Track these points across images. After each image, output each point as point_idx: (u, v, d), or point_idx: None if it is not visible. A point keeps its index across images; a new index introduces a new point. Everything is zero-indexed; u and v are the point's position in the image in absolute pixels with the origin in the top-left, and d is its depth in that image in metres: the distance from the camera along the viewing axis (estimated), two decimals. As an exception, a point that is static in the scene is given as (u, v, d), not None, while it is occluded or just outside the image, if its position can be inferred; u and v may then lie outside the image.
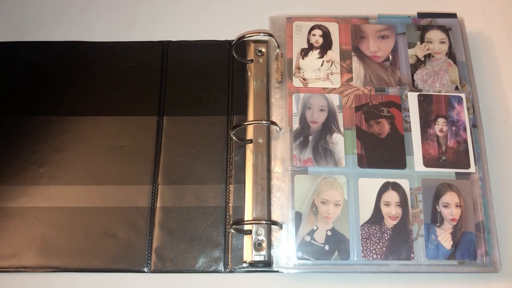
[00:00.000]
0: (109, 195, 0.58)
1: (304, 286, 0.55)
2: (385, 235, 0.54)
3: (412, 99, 0.60)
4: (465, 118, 0.59)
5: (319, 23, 0.64)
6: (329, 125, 0.58)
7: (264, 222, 0.55)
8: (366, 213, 0.55)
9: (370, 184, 0.56)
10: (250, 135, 0.60)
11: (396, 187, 0.56)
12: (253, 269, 0.56)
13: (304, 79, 0.61)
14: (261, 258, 0.55)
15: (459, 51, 0.62)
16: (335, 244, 0.54)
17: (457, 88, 0.60)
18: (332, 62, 0.62)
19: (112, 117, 0.62)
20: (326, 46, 0.63)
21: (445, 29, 0.63)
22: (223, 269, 0.56)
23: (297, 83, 0.61)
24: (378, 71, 0.61)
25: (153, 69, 0.64)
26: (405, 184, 0.56)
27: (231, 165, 0.60)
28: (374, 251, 0.53)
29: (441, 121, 0.59)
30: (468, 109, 0.59)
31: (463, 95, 0.60)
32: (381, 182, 0.56)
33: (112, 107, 0.63)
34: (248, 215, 0.57)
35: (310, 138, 0.58)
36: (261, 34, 0.61)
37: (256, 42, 0.65)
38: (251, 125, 0.60)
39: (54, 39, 0.67)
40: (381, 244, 0.54)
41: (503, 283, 0.55)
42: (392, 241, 0.54)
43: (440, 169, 0.57)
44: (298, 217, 0.55)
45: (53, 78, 0.64)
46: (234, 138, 0.59)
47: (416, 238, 0.54)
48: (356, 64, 0.62)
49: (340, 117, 0.59)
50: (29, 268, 0.56)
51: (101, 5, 0.70)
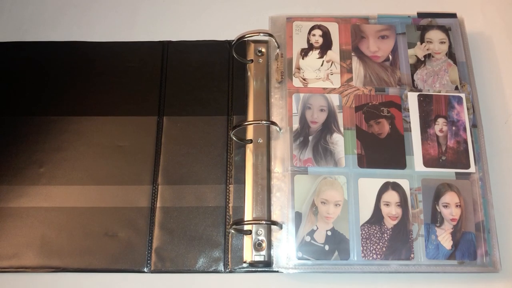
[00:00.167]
0: (109, 195, 0.58)
1: (304, 286, 0.55)
2: (385, 235, 0.54)
3: (412, 99, 0.60)
4: (465, 118, 0.59)
5: (319, 23, 0.64)
6: (329, 125, 0.58)
7: (264, 222, 0.55)
8: (366, 213, 0.55)
9: (370, 184, 0.56)
10: (250, 135, 0.60)
11: (396, 187, 0.56)
12: (253, 269, 0.56)
13: (304, 79, 0.61)
14: (261, 258, 0.55)
15: (459, 51, 0.62)
16: (335, 244, 0.54)
17: (457, 88, 0.60)
18: (332, 62, 0.62)
19: (112, 117, 0.62)
20: (326, 46, 0.63)
21: (445, 29, 0.63)
22: (223, 269, 0.56)
23: (297, 83, 0.61)
24: (378, 71, 0.61)
25: (153, 69, 0.64)
26: (405, 184, 0.56)
27: (231, 165, 0.60)
28: (374, 251, 0.53)
29: (441, 121, 0.59)
30: (468, 109, 0.59)
31: (463, 95, 0.60)
32: (381, 182, 0.56)
33: (112, 107, 0.63)
34: (248, 215, 0.57)
35: (310, 138, 0.58)
36: (261, 34, 0.61)
37: (256, 42, 0.65)
38: (251, 125, 0.60)
39: (54, 39, 0.67)
40: (381, 244, 0.54)
41: (503, 283, 0.55)
42: (392, 241, 0.54)
43: (440, 169, 0.57)
44: (298, 217, 0.55)
45: (53, 78, 0.64)
46: (234, 138, 0.59)
47: (416, 238, 0.54)
48: (356, 64, 0.62)
49: (340, 117, 0.59)
50: (29, 268, 0.56)
51: (101, 5, 0.70)
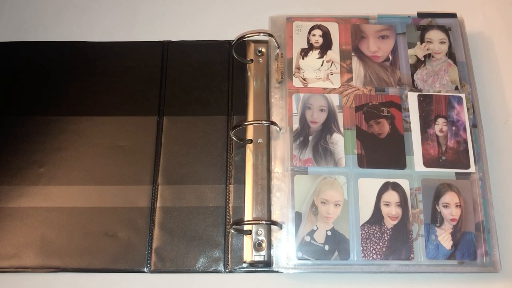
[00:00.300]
0: (109, 195, 0.58)
1: (304, 286, 0.55)
2: (385, 235, 0.54)
3: (412, 99, 0.60)
4: (465, 118, 0.59)
5: (319, 23, 0.64)
6: (329, 125, 0.58)
7: (264, 222, 0.55)
8: (366, 213, 0.55)
9: (370, 184, 0.56)
10: (250, 135, 0.60)
11: (396, 187, 0.56)
12: (253, 269, 0.56)
13: (304, 79, 0.61)
14: (261, 258, 0.55)
15: (459, 51, 0.62)
16: (335, 244, 0.54)
17: (457, 88, 0.60)
18: (332, 62, 0.62)
19: (112, 117, 0.62)
20: (326, 46, 0.63)
21: (445, 29, 0.63)
22: (223, 269, 0.56)
23: (297, 83, 0.61)
24: (378, 71, 0.61)
25: (153, 69, 0.64)
26: (405, 184, 0.56)
27: (231, 165, 0.60)
28: (374, 251, 0.53)
29: (441, 121, 0.59)
30: (468, 109, 0.59)
31: (463, 95, 0.60)
32: (381, 182, 0.56)
33: (112, 107, 0.62)
34: (248, 215, 0.57)
35: (310, 138, 0.58)
36: (261, 34, 0.61)
37: (256, 42, 0.65)
38: (251, 125, 0.60)
39: (54, 39, 0.67)
40: (381, 244, 0.54)
41: (503, 283, 0.55)
42: (392, 241, 0.54)
43: (440, 169, 0.57)
44: (298, 217, 0.55)
45: (53, 78, 0.64)
46: (234, 138, 0.59)
47: (416, 238, 0.54)
48: (356, 64, 0.62)
49: (340, 117, 0.59)
50: (29, 268, 0.56)
51: (101, 5, 0.70)
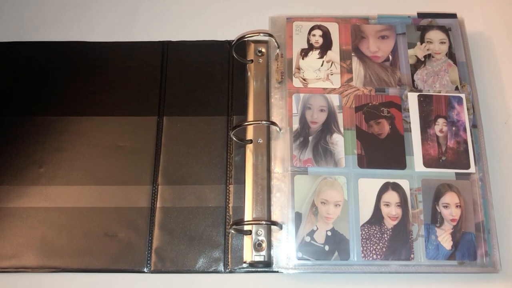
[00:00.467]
0: (109, 195, 0.58)
1: (304, 286, 0.55)
2: (385, 235, 0.54)
3: (412, 100, 0.60)
4: (465, 118, 0.59)
5: (319, 23, 0.64)
6: (329, 126, 0.58)
7: (264, 222, 0.55)
8: (366, 213, 0.55)
9: (370, 184, 0.56)
10: (250, 135, 0.60)
11: (396, 187, 0.56)
12: (253, 270, 0.56)
13: (304, 79, 0.61)
14: (261, 258, 0.55)
15: (459, 51, 0.62)
16: (335, 244, 0.54)
17: (457, 88, 0.60)
18: (332, 62, 0.62)
19: (112, 117, 0.62)
20: (326, 46, 0.63)
21: (445, 29, 0.63)
22: (223, 270, 0.56)
23: (297, 83, 0.61)
24: (378, 71, 0.61)
25: (153, 69, 0.64)
26: (405, 184, 0.56)
27: (231, 165, 0.60)
28: (374, 252, 0.53)
29: (441, 121, 0.59)
30: (468, 109, 0.59)
31: (463, 96, 0.60)
32: (381, 182, 0.56)
33: (112, 107, 0.62)
34: (248, 215, 0.57)
35: (310, 138, 0.58)
36: (261, 34, 0.61)
37: (256, 42, 0.65)
38: (251, 126, 0.60)
39: (54, 39, 0.67)
40: (381, 244, 0.54)
41: (503, 284, 0.55)
42: (392, 241, 0.54)
43: (440, 169, 0.57)
44: (298, 217, 0.55)
45: (53, 78, 0.64)
46: (234, 138, 0.59)
47: (416, 238, 0.54)
48: (356, 64, 0.62)
49: (340, 118, 0.59)
50: (29, 268, 0.56)
51: (101, 5, 0.70)
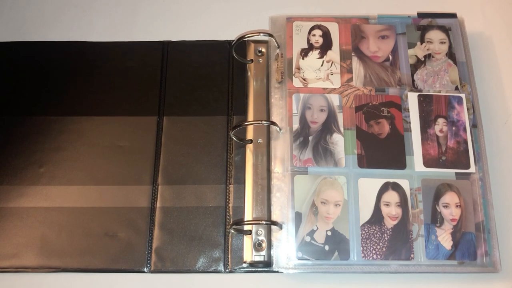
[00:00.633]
0: (109, 195, 0.58)
1: (304, 286, 0.55)
2: (385, 235, 0.54)
3: (412, 99, 0.60)
4: (465, 118, 0.59)
5: (319, 23, 0.64)
6: (329, 125, 0.58)
7: (264, 222, 0.55)
8: (366, 213, 0.55)
9: (370, 184, 0.56)
10: (250, 135, 0.60)
11: (396, 187, 0.56)
12: (253, 269, 0.56)
13: (304, 79, 0.61)
14: (261, 258, 0.55)
15: (459, 51, 0.62)
16: (335, 244, 0.54)
17: (457, 88, 0.60)
18: (332, 62, 0.62)
19: (112, 117, 0.62)
20: (326, 46, 0.63)
21: (445, 29, 0.63)
22: (223, 269, 0.56)
23: (297, 83, 0.61)
24: (378, 71, 0.61)
25: (153, 69, 0.64)
26: (405, 184, 0.56)
27: (231, 165, 0.60)
28: (374, 251, 0.53)
29: (441, 121, 0.59)
30: (468, 109, 0.59)
31: (463, 95, 0.60)
32: (381, 182, 0.56)
33: (112, 107, 0.62)
34: (248, 215, 0.57)
35: (310, 138, 0.58)
36: (261, 34, 0.61)
37: (256, 42, 0.65)
38: (251, 125, 0.60)
39: (54, 39, 0.67)
40: (381, 244, 0.54)
41: (503, 283, 0.55)
42: (392, 241, 0.54)
43: (440, 169, 0.57)
44: (298, 217, 0.55)
45: (53, 78, 0.64)
46: (234, 138, 0.59)
47: (416, 238, 0.54)
48: (356, 64, 0.62)
49: (340, 117, 0.59)
50: (29, 268, 0.56)
51: (101, 5, 0.70)
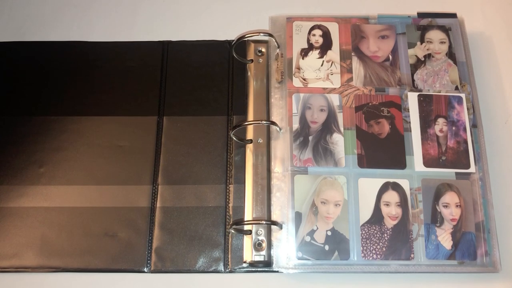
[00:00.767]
0: (109, 195, 0.58)
1: (304, 286, 0.55)
2: (385, 235, 0.54)
3: (412, 99, 0.60)
4: (465, 118, 0.59)
5: (319, 23, 0.64)
6: (329, 125, 0.58)
7: (264, 222, 0.55)
8: (366, 213, 0.55)
9: (370, 184, 0.56)
10: (250, 135, 0.60)
11: (396, 187, 0.56)
12: (253, 269, 0.56)
13: (304, 79, 0.61)
14: (261, 258, 0.55)
15: (459, 51, 0.62)
16: (335, 244, 0.54)
17: (457, 88, 0.60)
18: (332, 62, 0.62)
19: (112, 117, 0.62)
20: (326, 46, 0.63)
21: (445, 29, 0.63)
22: (223, 269, 0.56)
23: (297, 83, 0.61)
24: (378, 71, 0.61)
25: (153, 69, 0.64)
26: (405, 184, 0.56)
27: (231, 165, 0.60)
28: (374, 251, 0.53)
29: (441, 121, 0.59)
30: (468, 109, 0.59)
31: (463, 95, 0.60)
32: (381, 182, 0.56)
33: (112, 107, 0.62)
34: (248, 215, 0.57)
35: (310, 138, 0.58)
36: (261, 34, 0.61)
37: (256, 42, 0.65)
38: (251, 125, 0.60)
39: (54, 39, 0.67)
40: (381, 244, 0.54)
41: (503, 283, 0.55)
42: (392, 241, 0.54)
43: (440, 169, 0.57)
44: (298, 217, 0.55)
45: (53, 78, 0.64)
46: (234, 138, 0.59)
47: (416, 238, 0.54)
48: (356, 64, 0.62)
49: (340, 117, 0.59)
50: (29, 268, 0.56)
51: (101, 5, 0.70)
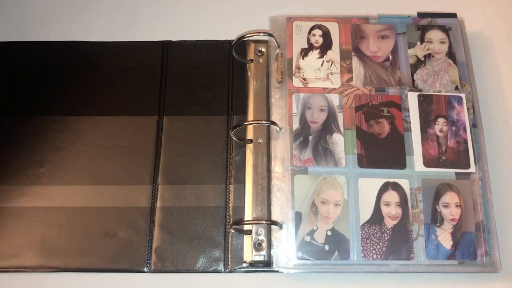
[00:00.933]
0: (109, 195, 0.58)
1: (304, 286, 0.55)
2: (385, 235, 0.54)
3: (412, 99, 0.60)
4: (465, 118, 0.59)
5: (319, 23, 0.64)
6: (329, 125, 0.58)
7: (264, 222, 0.55)
8: (366, 213, 0.55)
9: (370, 184, 0.56)
10: (250, 135, 0.60)
11: (396, 187, 0.56)
12: (253, 269, 0.56)
13: (304, 79, 0.61)
14: (261, 258, 0.55)
15: (459, 51, 0.62)
16: (335, 244, 0.54)
17: (457, 88, 0.60)
18: (332, 62, 0.62)
19: (112, 117, 0.62)
20: (326, 46, 0.63)
21: (445, 29, 0.63)
22: (223, 269, 0.56)
23: (297, 83, 0.61)
24: (378, 71, 0.61)
25: (153, 69, 0.64)
26: (405, 184, 0.56)
27: (231, 165, 0.60)
28: (374, 251, 0.53)
29: (441, 121, 0.59)
30: (468, 109, 0.59)
31: (463, 95, 0.60)
32: (381, 182, 0.56)
33: (112, 107, 0.62)
34: (248, 215, 0.57)
35: (310, 138, 0.58)
36: (261, 34, 0.61)
37: (256, 42, 0.65)
38: (251, 125, 0.60)
39: (54, 39, 0.67)
40: (381, 244, 0.54)
41: (503, 283, 0.55)
42: (392, 241, 0.54)
43: (440, 169, 0.57)
44: (298, 217, 0.55)
45: (53, 78, 0.64)
46: (234, 138, 0.59)
47: (416, 238, 0.54)
48: (356, 64, 0.62)
49: (340, 117, 0.59)
50: (29, 268, 0.56)
51: (101, 5, 0.70)
